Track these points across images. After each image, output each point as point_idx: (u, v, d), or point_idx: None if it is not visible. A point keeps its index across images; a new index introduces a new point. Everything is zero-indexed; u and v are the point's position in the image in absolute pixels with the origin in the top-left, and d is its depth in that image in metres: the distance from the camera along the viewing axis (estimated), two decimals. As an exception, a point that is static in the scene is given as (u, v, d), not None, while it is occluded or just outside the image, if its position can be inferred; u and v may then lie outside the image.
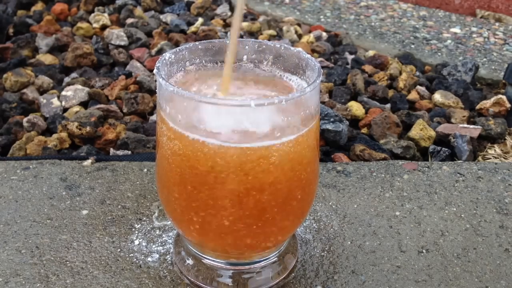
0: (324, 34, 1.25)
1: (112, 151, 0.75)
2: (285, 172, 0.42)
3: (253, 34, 1.24)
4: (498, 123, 0.85)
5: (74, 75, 0.98)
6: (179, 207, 0.45)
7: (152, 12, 1.30)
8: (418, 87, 0.98)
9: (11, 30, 1.14)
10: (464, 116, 0.87)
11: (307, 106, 0.42)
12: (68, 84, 0.92)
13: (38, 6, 1.30)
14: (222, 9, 1.36)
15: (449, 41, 1.32)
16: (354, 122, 0.87)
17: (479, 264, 0.54)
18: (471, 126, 0.84)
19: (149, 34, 1.16)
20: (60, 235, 0.56)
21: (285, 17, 1.39)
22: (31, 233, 0.56)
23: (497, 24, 1.46)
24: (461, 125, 0.84)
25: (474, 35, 1.38)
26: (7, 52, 1.03)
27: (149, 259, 0.53)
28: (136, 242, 0.55)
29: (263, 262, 0.49)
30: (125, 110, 0.86)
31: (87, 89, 0.89)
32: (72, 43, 1.06)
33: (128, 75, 0.97)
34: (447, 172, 0.69)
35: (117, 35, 1.10)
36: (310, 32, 1.29)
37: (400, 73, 1.03)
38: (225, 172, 0.41)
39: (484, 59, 1.21)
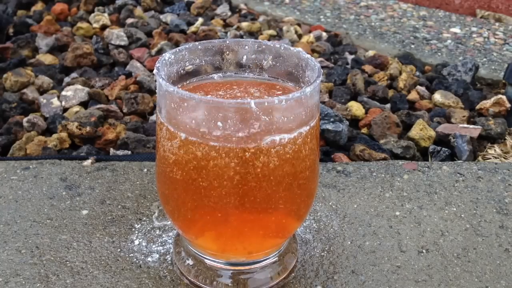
0: (324, 34, 1.25)
1: (112, 151, 0.75)
2: (285, 172, 0.42)
3: (253, 34, 1.24)
4: (498, 123, 0.85)
5: (74, 75, 0.98)
6: (179, 207, 0.45)
7: (152, 12, 1.30)
8: (418, 87, 0.98)
9: (11, 30, 1.14)
10: (464, 116, 0.87)
11: (307, 106, 0.42)
12: (68, 84, 0.92)
13: (38, 6, 1.30)
14: (222, 9, 1.36)
15: (449, 41, 1.32)
16: (354, 122, 0.87)
17: (479, 264, 0.54)
18: (471, 126, 0.84)
19: (149, 34, 1.16)
20: (60, 235, 0.56)
21: (285, 17, 1.39)
22: (31, 233, 0.56)
23: (497, 24, 1.46)
24: (461, 125, 0.84)
25: (474, 35, 1.37)
26: (7, 52, 1.03)
27: (149, 259, 0.53)
28: (136, 242, 0.55)
29: (263, 262, 0.49)
30: (125, 110, 0.86)
31: (87, 89, 0.89)
32: (72, 43, 1.06)
33: (128, 75, 0.97)
34: (447, 172, 0.69)
35: (117, 35, 1.10)
36: (310, 32, 1.29)
37: (400, 73, 1.03)
38: (225, 172, 0.41)
39: (484, 59, 1.21)
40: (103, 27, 1.19)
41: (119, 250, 0.54)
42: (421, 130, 0.81)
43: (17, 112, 0.84)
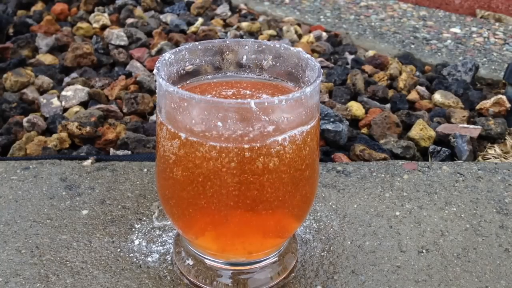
0: (324, 34, 1.25)
1: (112, 151, 0.75)
2: (285, 172, 0.42)
3: (253, 34, 1.24)
4: (498, 123, 0.85)
5: (74, 75, 0.98)
6: (179, 207, 0.45)
7: (152, 12, 1.30)
8: (418, 87, 0.98)
9: (11, 30, 1.14)
10: (464, 116, 0.87)
11: (307, 106, 0.42)
12: (68, 84, 0.92)
13: (38, 6, 1.30)
14: (222, 9, 1.36)
15: (449, 41, 1.32)
16: (354, 122, 0.87)
17: (479, 264, 0.54)
18: (471, 126, 0.84)
19: (149, 34, 1.16)
20: (60, 235, 0.56)
21: (285, 17, 1.39)
22: (31, 233, 0.56)
23: (497, 24, 1.46)
24: (461, 125, 0.84)
25: (474, 35, 1.37)
26: (7, 52, 1.03)
27: (149, 259, 0.53)
28: (136, 242, 0.55)
29: (263, 262, 0.49)
30: (125, 110, 0.86)
31: (87, 89, 0.89)
32: (72, 43, 1.06)
33: (128, 75, 0.97)
34: (447, 172, 0.69)
35: (117, 35, 1.10)
36: (310, 32, 1.29)
37: (400, 73, 1.03)
38: (225, 172, 0.41)
39: (484, 59, 1.21)
40: (103, 27, 1.19)
41: (119, 250, 0.54)
42: (421, 130, 0.81)
43: (17, 112, 0.84)
